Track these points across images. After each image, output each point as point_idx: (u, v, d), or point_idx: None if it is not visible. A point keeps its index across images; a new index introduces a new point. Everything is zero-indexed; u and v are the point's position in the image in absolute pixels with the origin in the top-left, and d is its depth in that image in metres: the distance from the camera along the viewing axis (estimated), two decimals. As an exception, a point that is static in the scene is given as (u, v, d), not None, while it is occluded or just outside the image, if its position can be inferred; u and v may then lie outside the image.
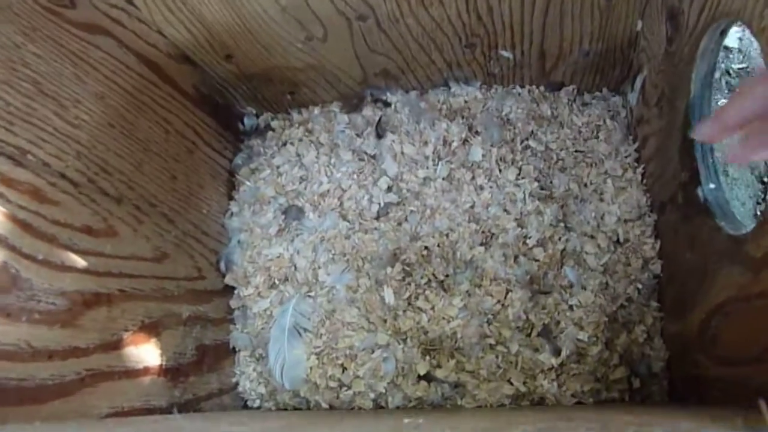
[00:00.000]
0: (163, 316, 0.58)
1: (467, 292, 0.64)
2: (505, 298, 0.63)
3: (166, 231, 0.60)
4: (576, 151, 0.71)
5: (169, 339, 0.58)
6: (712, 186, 0.50)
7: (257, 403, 0.69)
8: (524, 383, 0.62)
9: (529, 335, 0.63)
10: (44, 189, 0.45)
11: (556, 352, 0.61)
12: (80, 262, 0.48)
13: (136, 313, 0.54)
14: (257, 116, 0.79)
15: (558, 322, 0.63)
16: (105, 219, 0.51)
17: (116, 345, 0.51)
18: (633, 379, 0.62)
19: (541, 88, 0.74)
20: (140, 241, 0.56)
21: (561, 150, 0.71)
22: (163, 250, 0.59)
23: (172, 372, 0.58)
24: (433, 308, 0.64)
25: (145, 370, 0.54)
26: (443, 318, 0.63)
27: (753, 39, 0.79)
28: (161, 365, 0.57)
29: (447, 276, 0.65)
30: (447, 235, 0.67)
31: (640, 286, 0.64)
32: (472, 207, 0.67)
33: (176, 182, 0.63)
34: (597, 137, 0.71)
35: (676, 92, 0.54)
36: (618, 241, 0.65)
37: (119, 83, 0.55)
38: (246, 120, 0.78)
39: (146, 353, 0.55)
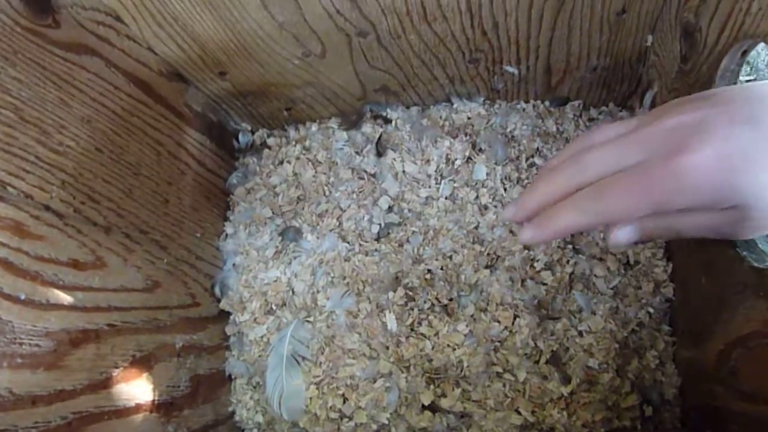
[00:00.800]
0: (156, 348, 0.55)
1: (472, 316, 0.61)
2: (513, 323, 0.60)
3: (158, 258, 0.57)
4: (583, 168, 0.68)
5: (161, 372, 0.56)
6: (731, 212, 0.47)
7: (255, 432, 0.67)
8: (533, 413, 0.59)
9: (537, 362, 0.60)
10: (27, 223, 0.42)
11: (566, 380, 0.59)
12: (66, 298, 0.45)
13: (127, 348, 0.51)
14: (252, 133, 0.77)
15: (567, 349, 0.60)
16: (93, 251, 0.49)
17: (105, 384, 0.48)
18: (645, 406, 0.60)
19: (546, 103, 0.71)
20: (130, 271, 0.53)
21: (567, 167, 0.68)
22: (154, 278, 0.56)
23: (165, 407, 0.56)
24: (437, 334, 0.61)
25: (137, 408, 0.52)
26: (448, 345, 0.60)
27: (761, 51, 0.77)
28: (154, 401, 0.54)
29: (451, 300, 0.63)
30: (450, 257, 0.64)
31: (651, 310, 0.61)
32: (476, 228, 0.65)
33: (168, 206, 0.60)
34: (604, 154, 0.69)
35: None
36: (628, 263, 0.63)
37: (107, 105, 0.53)
38: (241, 137, 0.76)
39: (138, 389, 0.52)
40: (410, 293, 0.63)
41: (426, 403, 0.60)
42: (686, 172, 0.32)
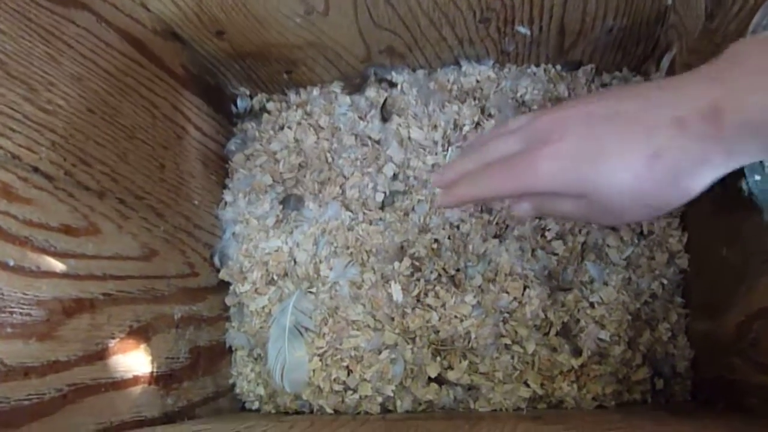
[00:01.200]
0: (153, 318, 0.53)
1: (480, 287, 0.59)
2: (523, 294, 0.59)
3: (154, 226, 0.55)
4: (595, 135, 0.66)
5: (160, 343, 0.54)
6: (757, 178, 0.45)
7: (256, 405, 0.65)
8: (542, 385, 0.58)
9: (546, 334, 0.59)
10: (14, 185, 0.40)
11: (577, 353, 0.57)
12: (58, 266, 0.43)
13: (124, 318, 0.49)
14: (251, 97, 0.74)
15: (578, 320, 0.59)
16: (86, 216, 0.46)
17: (102, 355, 0.46)
18: (656, 379, 0.59)
19: (558, 67, 0.68)
20: (126, 238, 0.51)
21: (579, 134, 0.66)
22: (151, 246, 0.54)
23: (164, 379, 0.54)
24: (443, 305, 0.59)
25: (135, 380, 0.50)
26: (455, 316, 0.59)
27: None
28: (152, 373, 0.52)
29: (458, 270, 0.61)
30: (458, 227, 0.62)
31: (665, 281, 0.60)
32: (485, 196, 0.62)
33: (165, 172, 0.57)
34: (617, 120, 0.66)
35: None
36: (642, 233, 0.61)
37: (99, 63, 0.50)
38: (239, 102, 0.73)
39: (135, 361, 0.50)
40: (416, 263, 0.61)
41: (432, 376, 0.59)
42: (540, 162, 0.38)
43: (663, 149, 0.35)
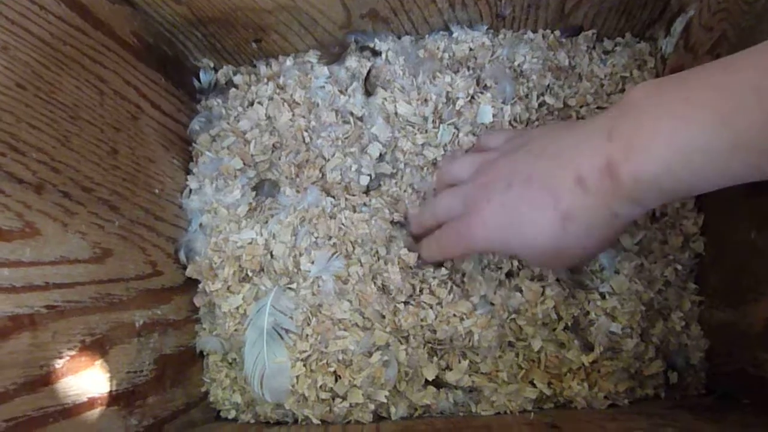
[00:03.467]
0: (110, 329, 0.46)
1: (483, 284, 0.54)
2: (543, 294, 0.53)
3: (107, 221, 0.47)
4: (598, 108, 0.60)
5: (119, 357, 0.47)
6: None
7: (232, 414, 0.59)
8: (549, 384, 0.53)
9: (554, 329, 0.53)
10: None
11: (588, 348, 0.52)
12: (-13, 278, 0.35)
13: (73, 333, 0.42)
14: (216, 70, 0.65)
15: (587, 313, 0.53)
16: (20, 215, 0.38)
17: (47, 379, 0.39)
18: (669, 373, 0.54)
19: (557, 32, 0.62)
20: (73, 238, 0.43)
21: (581, 107, 0.60)
22: (104, 246, 0.46)
23: (126, 397, 0.47)
24: (440, 303, 0.53)
25: (90, 404, 0.43)
26: (454, 315, 0.53)
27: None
28: (111, 392, 0.45)
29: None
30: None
31: (678, 266, 0.55)
32: (482, 178, 0.56)
33: (118, 157, 0.49)
34: (623, 91, 0.61)
35: (749, 36, 0.43)
36: (653, 215, 0.56)
37: (30, 30, 0.41)
38: (202, 75, 0.64)
39: (90, 381, 0.43)
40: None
41: (429, 378, 0.53)
42: (473, 231, 0.44)
43: (571, 210, 0.38)
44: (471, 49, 0.60)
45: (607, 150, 0.35)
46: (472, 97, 0.58)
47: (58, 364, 0.40)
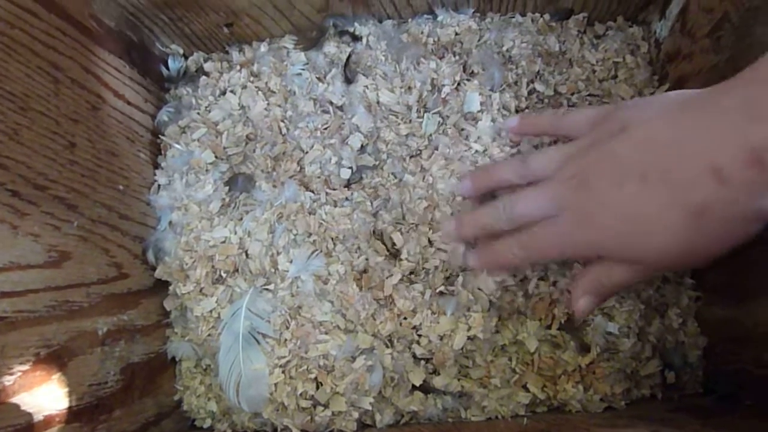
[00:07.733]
0: (69, 339, 0.42)
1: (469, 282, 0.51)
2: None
3: (64, 221, 0.43)
4: (590, 95, 0.58)
5: (80, 368, 0.43)
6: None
7: (207, 423, 0.55)
8: (543, 388, 0.50)
9: (549, 328, 0.51)
10: None
11: (584, 349, 0.50)
12: None
13: (26, 346, 0.38)
14: (185, 57, 0.61)
15: (582, 312, 0.51)
16: (-40, 218, 0.34)
17: (-4, 399, 0.35)
18: (666, 372, 0.52)
19: (546, 16, 0.59)
20: (24, 241, 0.39)
21: (572, 94, 0.57)
22: (61, 248, 0.42)
23: (89, 411, 0.43)
24: (429, 304, 0.50)
25: (47, 422, 0.39)
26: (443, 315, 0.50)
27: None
28: (71, 407, 0.41)
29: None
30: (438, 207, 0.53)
31: (676, 261, 0.52)
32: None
33: (75, 152, 0.45)
34: (615, 77, 0.58)
35: (754, 18, 0.41)
36: (650, 207, 0.53)
37: (-30, 10, 0.37)
38: (171, 62, 0.60)
39: (47, 398, 0.39)
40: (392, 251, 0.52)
41: (416, 383, 0.50)
42: (578, 234, 0.40)
43: (706, 205, 0.33)
44: (457, 34, 0.57)
45: (751, 133, 0.30)
46: (459, 85, 0.55)
47: (9, 381, 0.36)
